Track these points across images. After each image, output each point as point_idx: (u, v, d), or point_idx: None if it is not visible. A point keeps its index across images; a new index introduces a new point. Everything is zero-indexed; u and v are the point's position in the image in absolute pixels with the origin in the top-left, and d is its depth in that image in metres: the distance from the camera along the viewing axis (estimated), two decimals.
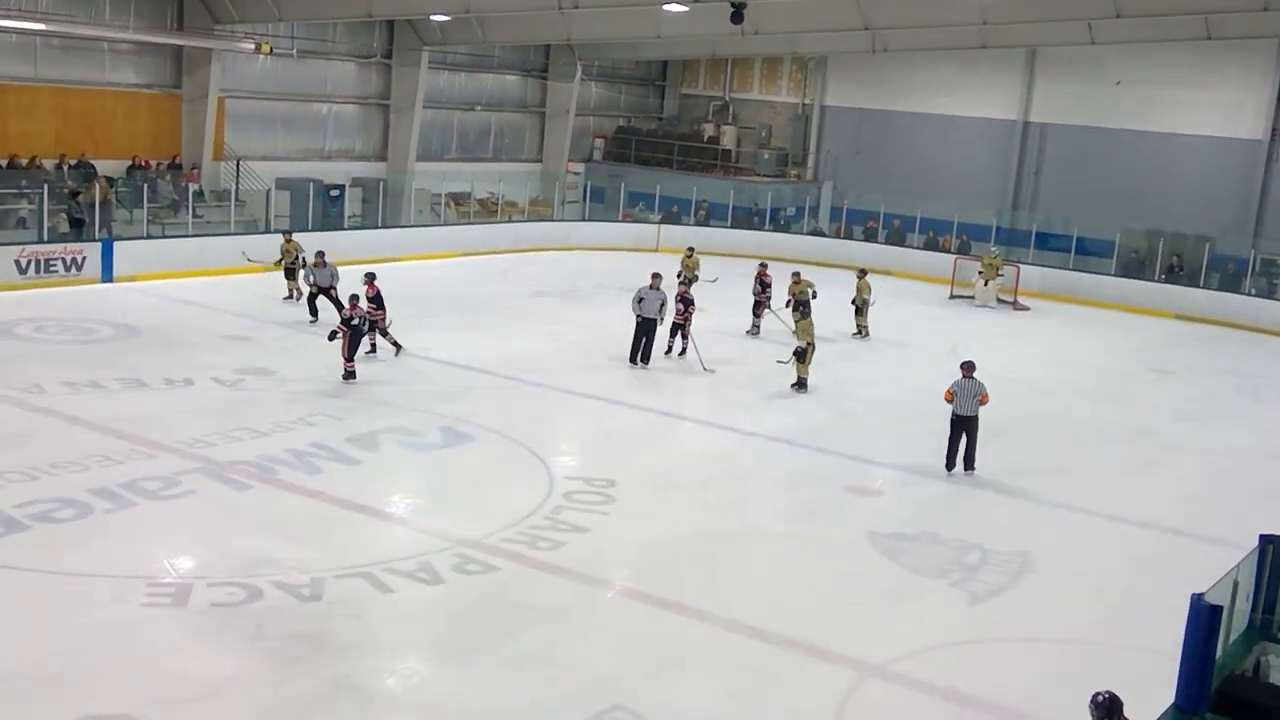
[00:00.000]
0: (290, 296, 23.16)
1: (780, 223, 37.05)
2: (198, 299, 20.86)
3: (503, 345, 21.00)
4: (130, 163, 27.75)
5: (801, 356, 19.25)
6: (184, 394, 16.66)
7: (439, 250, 30.82)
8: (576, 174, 39.64)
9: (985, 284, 29.92)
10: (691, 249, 26.85)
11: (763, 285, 23.84)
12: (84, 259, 23.57)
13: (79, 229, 24.60)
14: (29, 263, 22.74)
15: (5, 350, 18.19)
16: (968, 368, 15.61)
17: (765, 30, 29.65)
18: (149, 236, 25.29)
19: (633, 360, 19.86)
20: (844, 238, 36.12)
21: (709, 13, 25.72)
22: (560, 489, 13.90)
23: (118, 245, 24.12)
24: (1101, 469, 16.73)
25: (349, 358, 17.68)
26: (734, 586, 11.68)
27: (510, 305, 25.14)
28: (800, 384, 19.27)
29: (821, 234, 37.05)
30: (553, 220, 35.75)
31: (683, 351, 20.74)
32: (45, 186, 24.51)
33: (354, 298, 18.09)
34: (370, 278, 19.36)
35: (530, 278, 28.42)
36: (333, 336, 17.78)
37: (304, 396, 16.85)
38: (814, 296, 22.98)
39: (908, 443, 16.96)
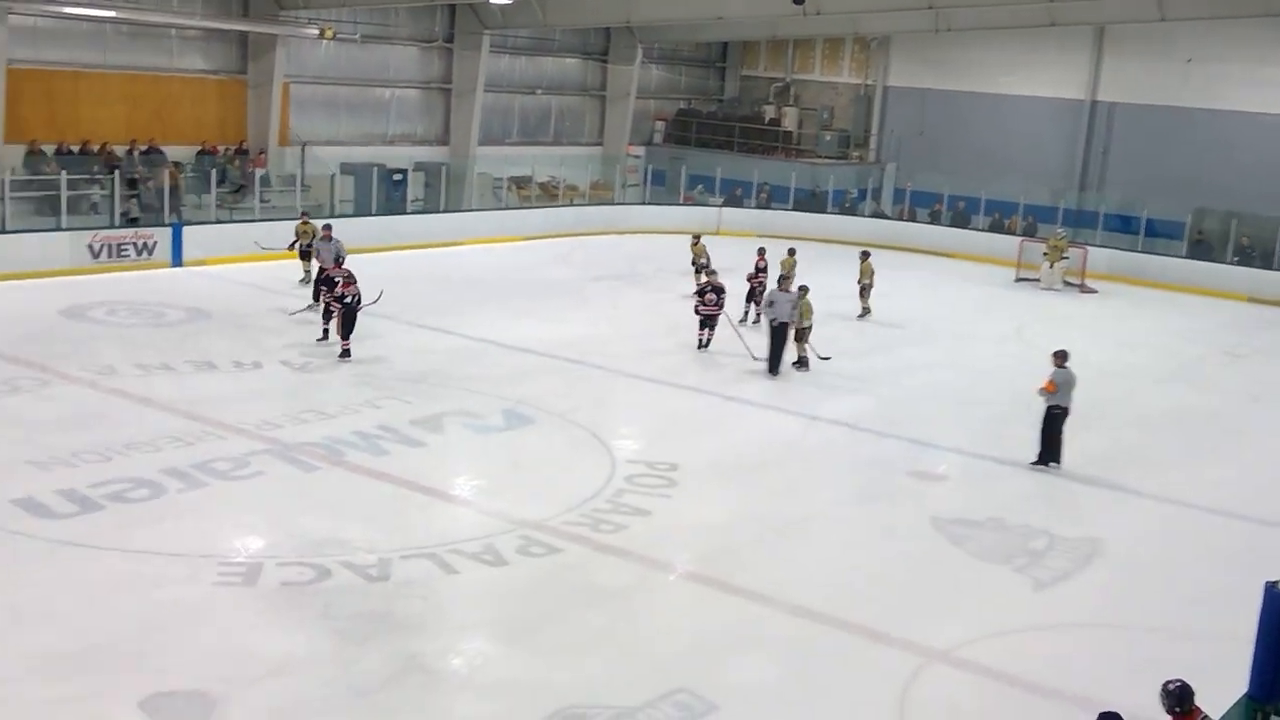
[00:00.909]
0: (306, 278, 22.92)
1: (843, 205, 36.79)
2: (265, 283, 21.15)
3: (564, 328, 21.08)
4: (199, 148, 28.15)
5: (801, 336, 19.06)
6: (253, 376, 16.92)
7: (500, 234, 30.99)
8: (637, 157, 39.59)
9: (1050, 266, 29.51)
10: (697, 236, 26.01)
11: (757, 270, 22.95)
12: (154, 244, 23.98)
13: (149, 214, 25.04)
14: (101, 247, 23.18)
15: (79, 333, 18.58)
16: (1062, 356, 15.08)
17: (827, 10, 29.37)
18: (217, 221, 25.65)
19: (772, 370, 18.61)
20: (907, 220, 35.79)
21: None
22: (622, 472, 13.94)
23: (187, 230, 24.50)
24: (1171, 454, 16.49)
25: (345, 335, 17.80)
26: (797, 570, 11.66)
27: (571, 289, 25.22)
28: (800, 362, 19.15)
29: (884, 216, 36.73)
30: (613, 204, 35.78)
31: (706, 343, 20.06)
32: (116, 172, 24.98)
33: (349, 275, 18.17)
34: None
35: (591, 261, 28.48)
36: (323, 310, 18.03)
37: (370, 379, 17.04)
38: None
39: (972, 427, 16.83)
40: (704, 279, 21.07)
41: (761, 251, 23.42)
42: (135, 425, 14.27)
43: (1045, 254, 29.67)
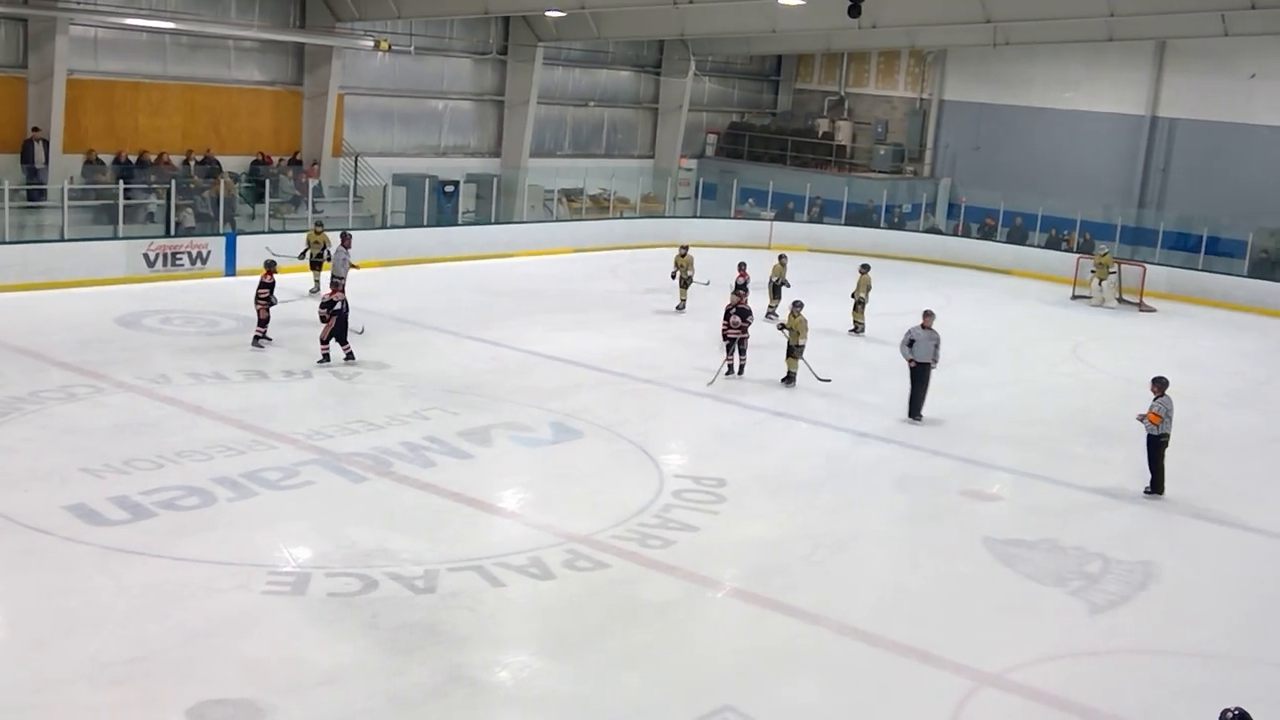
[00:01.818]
0: (316, 289, 22.89)
1: (895, 220, 36.54)
2: (320, 294, 21.28)
3: (613, 341, 21.05)
4: (254, 159, 28.45)
5: (793, 353, 18.74)
6: (303, 386, 17.03)
7: (551, 246, 31.07)
8: (689, 170, 39.59)
9: (1100, 283, 29.09)
10: (685, 248, 25.01)
11: (737, 286, 21.71)
12: (208, 253, 24.27)
13: (203, 224, 25.35)
14: (156, 256, 23.48)
15: (134, 341, 18.79)
16: (1162, 384, 14.75)
17: (883, 23, 29.20)
18: (270, 231, 25.88)
19: (913, 415, 17.33)
20: (961, 236, 35.47)
21: (825, 6, 25.43)
22: (670, 487, 13.87)
23: (240, 239, 24.78)
24: (1231, 477, 16.14)
25: (326, 341, 17.94)
26: (845, 589, 11.53)
27: (621, 301, 25.19)
28: (789, 378, 18.82)
29: (938, 232, 36.45)
30: (664, 216, 35.77)
31: (741, 369, 19.21)
32: (173, 182, 25.31)
33: (337, 281, 18.29)
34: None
35: (641, 274, 28.43)
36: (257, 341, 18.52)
37: (418, 390, 17.09)
38: (786, 285, 23.80)
39: (1026, 446, 16.60)
40: (730, 299, 20.30)
41: (742, 266, 22.61)
42: (187, 433, 14.39)
43: (1093, 271, 29.30)
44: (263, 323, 18.85)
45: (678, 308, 23.63)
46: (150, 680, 8.90)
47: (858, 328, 23.41)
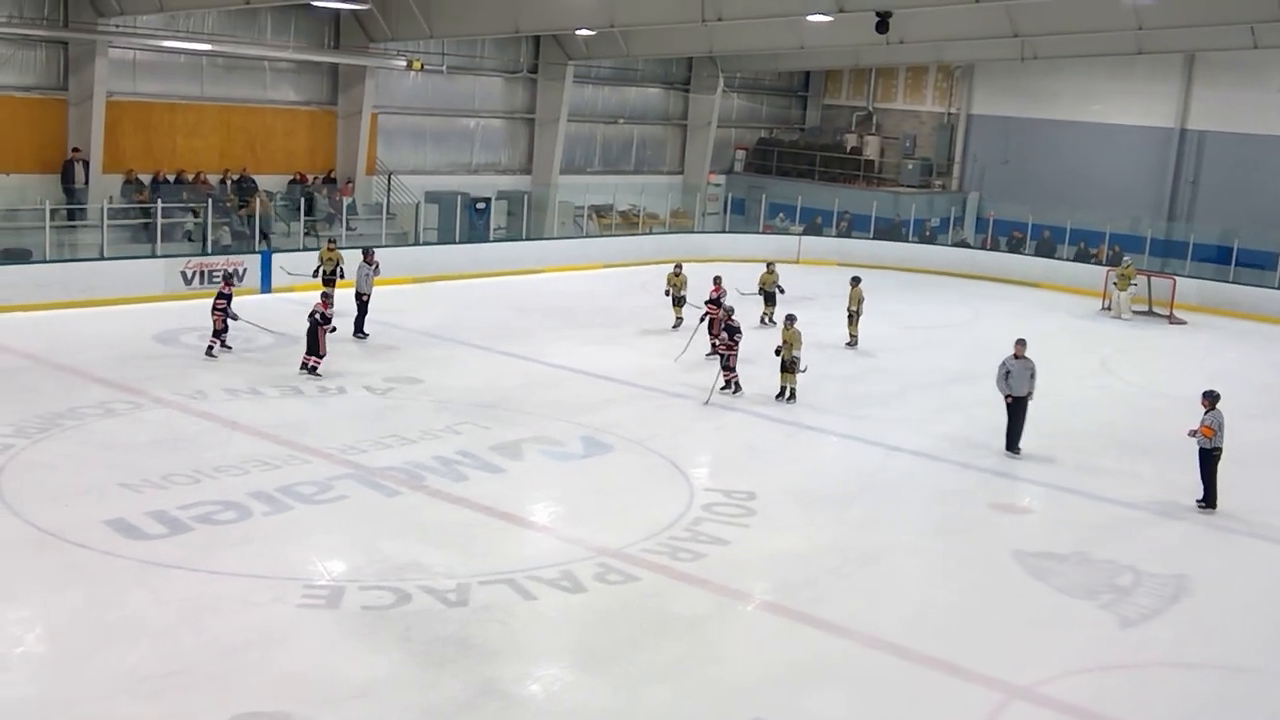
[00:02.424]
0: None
1: (924, 234, 36.53)
2: (350, 309, 21.50)
3: (643, 356, 21.17)
4: (290, 178, 28.80)
5: (788, 367, 18.57)
6: (337, 401, 17.24)
7: (581, 262, 31.24)
8: (717, 185, 39.72)
9: (1119, 294, 28.94)
10: (679, 266, 24.59)
11: (711, 299, 21.57)
12: (244, 270, 24.57)
13: (240, 242, 25.69)
14: (194, 274, 23.81)
15: (171, 358, 19.07)
16: (1213, 398, 14.68)
17: (911, 39, 29.26)
18: (305, 249, 26.16)
19: (1011, 448, 16.62)
20: (990, 249, 35.40)
21: (853, 22, 25.51)
22: (700, 500, 13.95)
23: (276, 257, 25.07)
24: (1263, 490, 16.04)
25: (321, 354, 18.36)
26: (875, 602, 11.57)
27: (651, 316, 25.27)
28: (785, 393, 18.65)
29: (967, 245, 36.37)
30: (693, 232, 35.89)
31: (737, 387, 18.86)
32: (209, 201, 25.66)
33: (326, 295, 18.63)
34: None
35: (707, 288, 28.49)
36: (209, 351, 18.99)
37: (451, 405, 17.25)
38: (780, 290, 24.40)
39: (1056, 460, 16.57)
40: (714, 313, 20.53)
41: (717, 280, 22.29)
42: (223, 449, 14.61)
43: (1115, 282, 29.18)
44: (218, 333, 19.28)
45: (674, 326, 23.49)
46: (187, 693, 9.05)
47: (852, 340, 23.29)
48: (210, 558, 11.43)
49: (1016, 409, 16.65)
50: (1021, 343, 16.90)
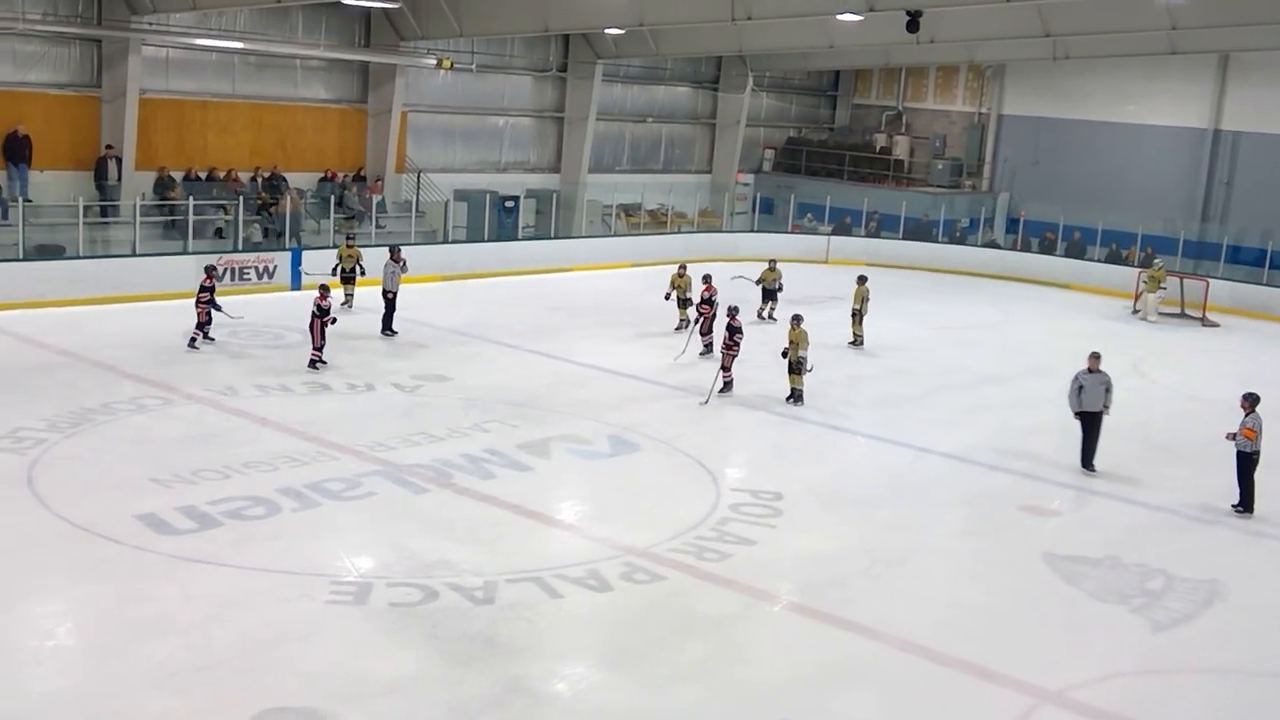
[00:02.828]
0: (348, 302, 23.08)
1: (954, 235, 36.34)
2: (379, 307, 21.59)
3: (669, 355, 21.10)
4: (320, 175, 28.93)
5: (795, 369, 18.35)
6: (365, 399, 17.30)
7: (609, 261, 31.24)
8: (746, 185, 39.64)
9: (1147, 295, 28.68)
10: (683, 267, 23.93)
11: (703, 299, 21.44)
12: (275, 268, 24.72)
13: (271, 239, 25.83)
14: (224, 271, 23.89)
15: (202, 354, 19.18)
16: (1254, 400, 14.48)
17: (941, 38, 29.13)
18: (334, 246, 26.23)
19: (1086, 465, 15.99)
20: (1020, 250, 35.18)
21: (884, 21, 25.40)
22: (727, 500, 13.91)
23: (306, 254, 25.18)
24: None
25: (316, 345, 18.53)
26: (904, 604, 11.50)
27: (678, 316, 25.23)
28: (795, 396, 18.38)
29: (997, 246, 36.17)
30: (721, 231, 35.85)
31: (728, 386, 18.66)
32: (240, 198, 25.81)
33: (324, 288, 18.70)
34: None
35: (698, 289, 28.45)
36: (192, 343, 19.17)
37: (479, 403, 17.28)
38: (780, 288, 24.59)
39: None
40: (707, 312, 20.48)
41: (707, 279, 21.94)
42: (253, 445, 14.68)
43: (1145, 284, 28.93)
44: (201, 325, 19.53)
45: (677, 329, 23.09)
46: (215, 689, 9.09)
47: (856, 340, 23.11)
48: (239, 553, 11.49)
49: (1090, 425, 15.96)
50: (1095, 356, 16.12)
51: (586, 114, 34.19)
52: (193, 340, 19.45)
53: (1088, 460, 16.09)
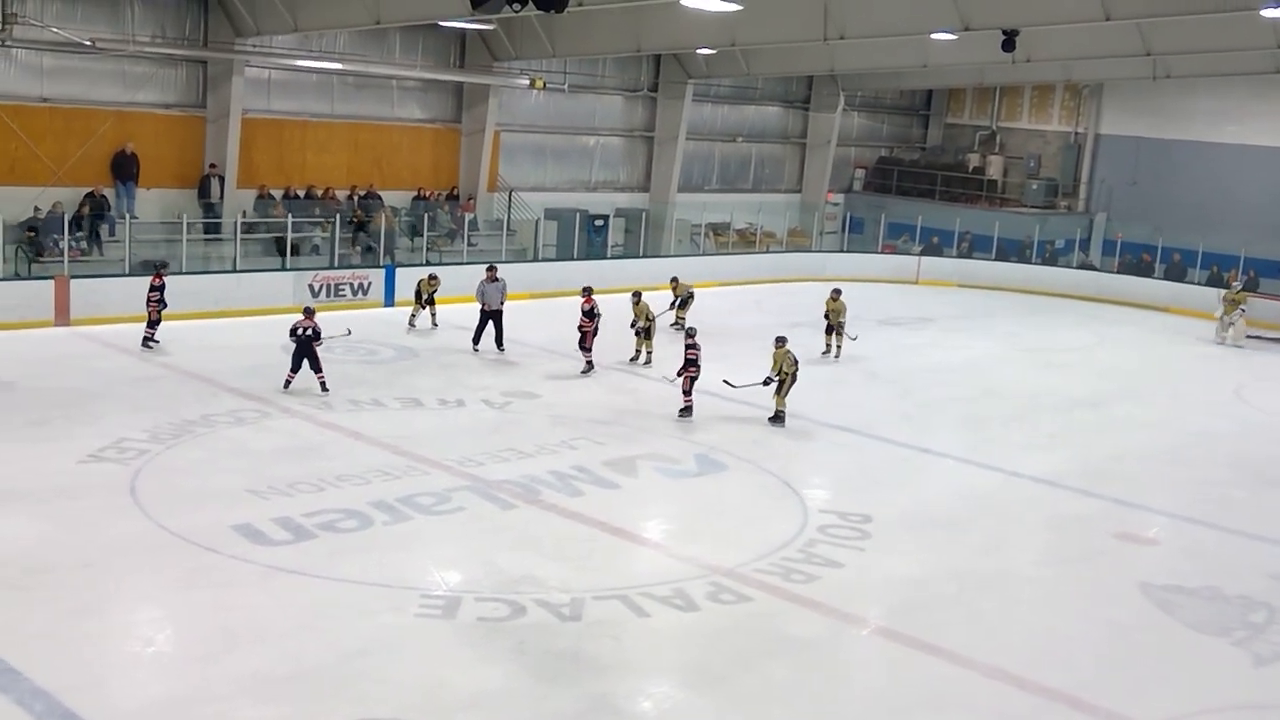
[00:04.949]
0: (417, 315, 23.36)
1: (1047, 256, 35.77)
2: (470, 324, 21.86)
3: (757, 375, 21.01)
4: (415, 194, 29.42)
5: (777, 387, 18.00)
6: (456, 414, 17.51)
7: (697, 280, 31.09)
8: (836, 204, 39.45)
9: (1226, 320, 27.84)
10: (639, 294, 22.10)
11: (584, 313, 20.82)
12: (369, 284, 25.17)
13: (365, 256, 26.32)
14: (321, 287, 24.44)
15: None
16: None
17: (1038, 57, 28.74)
18: (427, 264, 26.67)
19: None
20: (1117, 272, 34.51)
21: (979, 41, 25.14)
22: (814, 522, 13.83)
23: (399, 271, 25.61)
24: None
25: (292, 370, 17.89)
26: (994, 632, 11.32)
27: (765, 335, 25.03)
28: (777, 417, 17.96)
29: (1092, 268, 35.54)
30: (810, 251, 35.70)
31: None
32: (338, 216, 26.34)
33: (309, 310, 18.28)
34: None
35: (786, 308, 28.40)
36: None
37: (566, 420, 17.40)
38: (690, 297, 24.35)
39: (1184, 490, 16.07)
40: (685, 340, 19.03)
41: (587, 291, 21.11)
42: (347, 458, 14.94)
43: (1223, 308, 28.09)
44: (153, 324, 19.94)
45: (637, 359, 21.80)
46: (307, 698, 9.24)
47: (829, 350, 22.84)
48: (332, 565, 11.69)
49: None
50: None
51: (676, 133, 34.33)
52: (145, 340, 20.00)
53: None
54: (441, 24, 26.31)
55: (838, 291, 23.25)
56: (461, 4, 20.00)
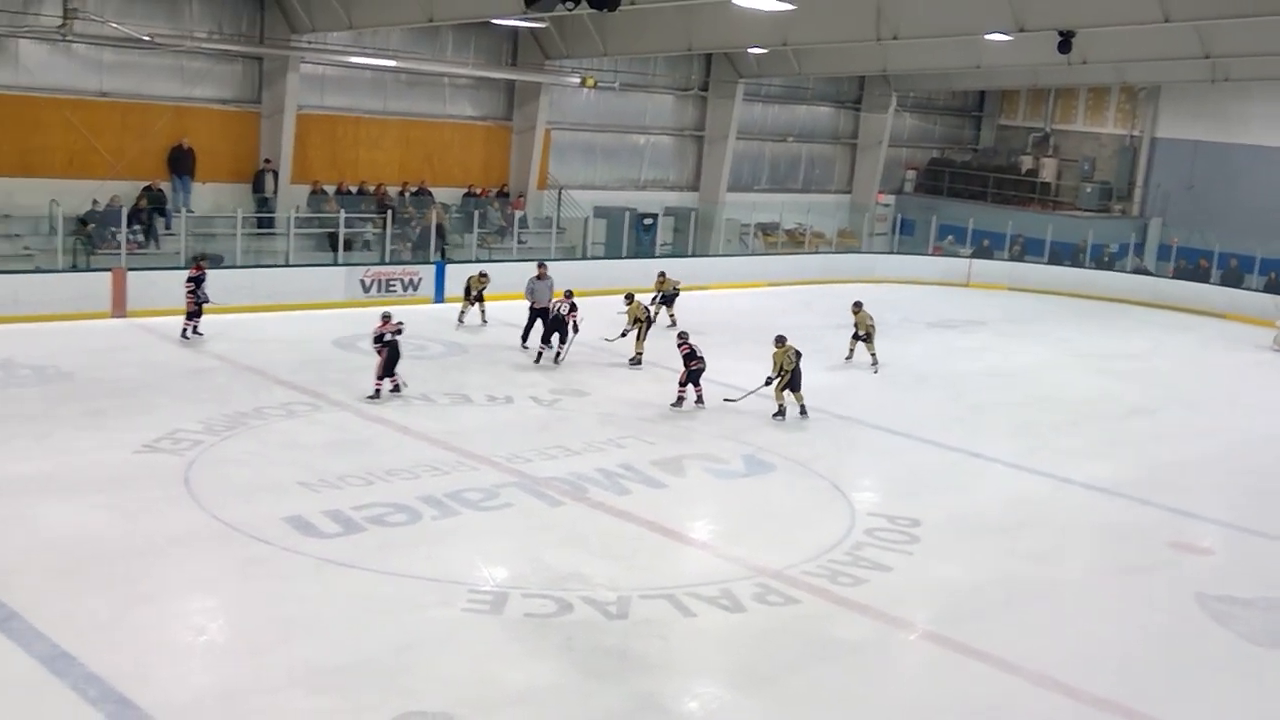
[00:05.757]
0: (484, 323, 23.38)
1: (1102, 260, 35.37)
2: (519, 320, 21.95)
3: (806, 376, 20.94)
4: (465, 191, 29.57)
5: (792, 385, 17.95)
6: (504, 410, 17.59)
7: (746, 280, 31.22)
8: (886, 206, 39.24)
9: None
10: (631, 295, 21.88)
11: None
12: (419, 280, 25.35)
13: (416, 252, 26.50)
14: (372, 282, 24.65)
15: (348, 363, 19.73)
16: None
17: (1093, 59, 28.39)
18: (477, 260, 26.80)
19: None
20: (1173, 277, 34.06)
21: (1034, 42, 24.89)
22: (862, 525, 13.76)
23: (449, 268, 25.76)
24: None
25: (380, 377, 17.48)
26: (1044, 639, 11.20)
27: (813, 336, 24.98)
28: (780, 412, 17.98)
29: (1147, 273, 35.11)
30: (860, 252, 35.54)
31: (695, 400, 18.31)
32: (389, 212, 26.53)
33: (386, 314, 17.97)
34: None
35: (834, 309, 28.18)
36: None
37: (615, 419, 17.43)
38: (677, 292, 24.17)
39: (1240, 499, 15.84)
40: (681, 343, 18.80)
41: (569, 293, 21.17)
42: (396, 453, 15.05)
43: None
44: (190, 315, 20.23)
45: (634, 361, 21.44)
46: (358, 689, 9.31)
47: (849, 354, 22.65)
48: (381, 558, 11.78)
49: None
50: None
51: (727, 133, 34.28)
52: (184, 332, 20.21)
53: None
54: (494, 22, 26.41)
55: (859, 304, 22.91)
56: (514, 2, 20.17)
